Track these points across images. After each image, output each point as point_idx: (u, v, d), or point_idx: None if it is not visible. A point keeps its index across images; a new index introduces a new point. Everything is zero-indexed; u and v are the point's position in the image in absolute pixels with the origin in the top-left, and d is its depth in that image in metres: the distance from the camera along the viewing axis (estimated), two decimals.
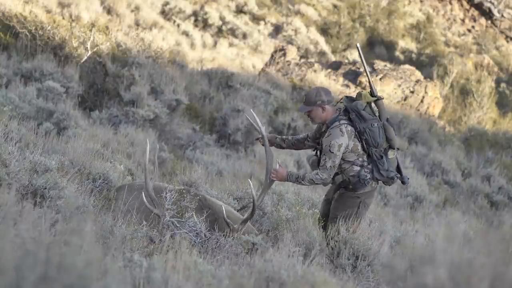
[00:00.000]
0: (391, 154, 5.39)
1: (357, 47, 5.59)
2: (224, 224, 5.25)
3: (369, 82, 5.49)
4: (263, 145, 5.50)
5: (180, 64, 13.85)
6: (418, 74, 17.68)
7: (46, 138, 6.55)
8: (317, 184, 5.24)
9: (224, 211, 5.21)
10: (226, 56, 21.30)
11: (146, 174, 5.21)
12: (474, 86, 22.70)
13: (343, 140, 5.21)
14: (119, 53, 12.07)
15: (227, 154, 11.15)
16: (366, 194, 5.38)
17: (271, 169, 5.35)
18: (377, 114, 5.42)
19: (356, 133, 5.28)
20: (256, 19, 26.03)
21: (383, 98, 5.48)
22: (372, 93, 5.43)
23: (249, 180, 5.50)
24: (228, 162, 10.23)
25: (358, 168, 5.28)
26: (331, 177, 5.26)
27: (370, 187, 5.35)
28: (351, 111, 5.31)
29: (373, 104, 5.44)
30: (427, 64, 26.58)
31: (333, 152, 5.18)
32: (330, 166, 5.19)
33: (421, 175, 12.70)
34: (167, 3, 23.35)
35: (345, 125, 5.26)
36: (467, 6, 31.88)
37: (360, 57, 5.57)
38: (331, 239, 5.16)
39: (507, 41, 30.93)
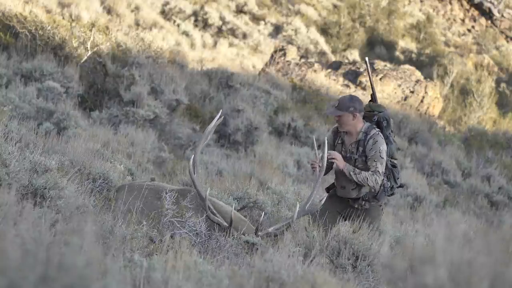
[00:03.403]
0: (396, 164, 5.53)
1: (366, 62, 5.70)
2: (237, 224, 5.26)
3: (374, 95, 5.56)
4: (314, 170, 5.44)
5: (180, 64, 13.85)
6: (418, 74, 17.68)
7: (46, 138, 6.54)
8: (366, 185, 5.27)
9: (233, 212, 5.19)
10: (226, 56, 21.31)
11: (203, 139, 5.38)
12: (474, 86, 22.70)
13: (385, 146, 5.33)
14: (119, 53, 12.07)
15: (227, 154, 11.15)
16: (384, 204, 5.50)
17: (313, 197, 5.31)
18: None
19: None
20: (256, 19, 26.03)
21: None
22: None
23: (298, 202, 5.46)
24: (228, 162, 10.22)
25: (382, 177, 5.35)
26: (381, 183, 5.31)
27: (386, 197, 5.45)
28: (383, 119, 5.43)
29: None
30: (427, 64, 26.58)
31: (383, 158, 5.27)
32: (383, 171, 5.28)
33: (421, 175, 12.70)
34: (167, 3, 23.35)
35: (380, 132, 5.37)
36: (467, 6, 31.88)
37: (368, 72, 5.73)
38: (331, 239, 5.16)
39: (507, 41, 30.93)
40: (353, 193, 5.43)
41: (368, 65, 5.73)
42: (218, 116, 5.39)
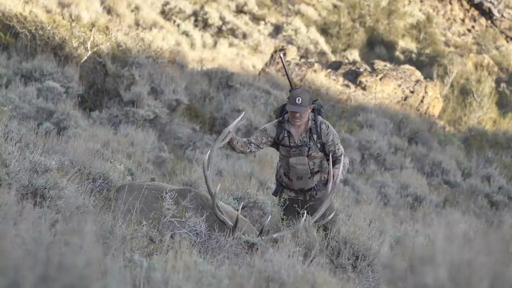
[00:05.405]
0: None
1: (280, 57, 5.81)
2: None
3: (291, 86, 5.60)
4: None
5: (180, 64, 13.85)
6: (418, 74, 17.68)
7: (46, 138, 6.54)
8: (346, 170, 5.51)
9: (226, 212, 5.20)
10: (226, 56, 21.30)
11: (222, 136, 5.41)
12: (474, 86, 22.70)
13: None
14: (119, 53, 12.07)
15: (227, 154, 11.15)
16: None
17: (321, 212, 5.30)
18: None
19: None
20: (256, 19, 26.02)
21: None
22: None
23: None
24: (228, 162, 10.22)
25: (326, 164, 5.49)
26: None
27: None
28: (320, 106, 5.53)
29: None
30: (427, 64, 26.57)
31: (339, 138, 5.46)
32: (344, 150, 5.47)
33: (421, 175, 12.70)
34: (167, 3, 23.35)
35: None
36: (467, 6, 31.88)
37: (284, 66, 5.80)
38: (331, 239, 5.16)
39: (507, 41, 30.92)
40: (310, 183, 5.50)
41: (283, 59, 5.80)
42: (241, 116, 5.50)
